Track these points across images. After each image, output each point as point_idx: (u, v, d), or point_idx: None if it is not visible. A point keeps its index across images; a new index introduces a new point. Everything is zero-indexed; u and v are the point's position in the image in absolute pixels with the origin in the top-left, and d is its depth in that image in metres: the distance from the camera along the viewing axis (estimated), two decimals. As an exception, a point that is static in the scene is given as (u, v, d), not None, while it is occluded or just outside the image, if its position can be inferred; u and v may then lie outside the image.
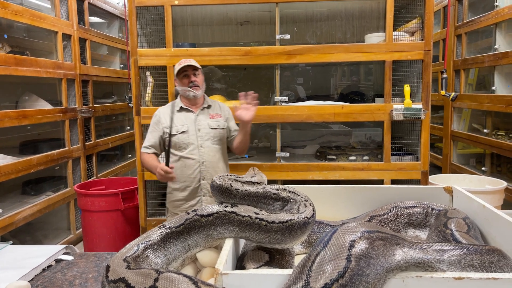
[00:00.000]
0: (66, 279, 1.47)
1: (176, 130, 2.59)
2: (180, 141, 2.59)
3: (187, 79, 2.60)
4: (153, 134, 2.66)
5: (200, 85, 2.62)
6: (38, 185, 4.11)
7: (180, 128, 2.61)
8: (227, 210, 1.30)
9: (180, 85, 2.63)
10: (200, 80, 2.64)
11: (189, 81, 2.59)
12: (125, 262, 1.17)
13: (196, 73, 2.62)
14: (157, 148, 2.65)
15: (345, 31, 3.75)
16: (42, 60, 3.87)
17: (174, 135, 2.58)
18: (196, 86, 2.60)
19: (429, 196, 1.85)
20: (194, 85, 2.59)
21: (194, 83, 2.59)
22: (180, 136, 2.59)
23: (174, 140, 2.58)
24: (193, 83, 2.59)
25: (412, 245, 1.05)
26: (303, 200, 1.36)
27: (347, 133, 3.98)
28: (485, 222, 1.54)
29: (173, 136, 2.57)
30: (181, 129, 2.60)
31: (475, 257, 1.06)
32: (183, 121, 2.63)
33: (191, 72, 2.60)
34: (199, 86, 2.62)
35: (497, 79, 4.15)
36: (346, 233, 0.98)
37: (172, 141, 2.58)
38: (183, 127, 2.61)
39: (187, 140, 2.59)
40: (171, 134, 2.54)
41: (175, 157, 2.62)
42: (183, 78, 2.61)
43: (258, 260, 1.23)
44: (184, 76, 2.61)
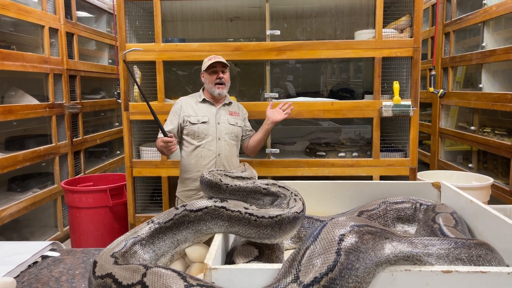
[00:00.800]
0: (53, 276, 1.45)
1: (197, 120, 2.65)
2: (200, 130, 2.65)
3: (215, 75, 2.65)
4: (172, 121, 2.71)
5: (226, 82, 2.69)
6: (25, 182, 4.05)
7: (202, 118, 2.67)
8: (217, 205, 1.29)
9: (207, 80, 2.68)
10: (227, 78, 2.70)
11: (217, 77, 2.64)
12: (113, 257, 1.15)
13: (225, 70, 2.68)
14: (174, 135, 2.68)
15: (335, 27, 3.76)
16: (29, 55, 3.81)
17: (194, 124, 2.65)
18: (222, 84, 2.66)
19: (418, 192, 1.86)
20: (221, 82, 2.64)
21: (222, 80, 2.65)
22: (200, 125, 2.65)
23: (194, 129, 2.65)
24: (221, 80, 2.64)
25: (401, 239, 1.05)
26: (293, 195, 1.35)
27: (337, 130, 3.99)
28: (473, 216, 1.56)
29: (194, 125, 2.64)
30: (202, 119, 2.66)
31: (463, 250, 1.07)
32: (205, 112, 2.69)
33: (220, 69, 2.65)
34: (225, 84, 2.68)
35: (485, 76, 4.19)
36: (335, 227, 0.98)
37: (191, 130, 2.64)
38: (204, 117, 2.67)
39: (206, 131, 2.65)
40: (146, 100, 2.49)
41: (191, 146, 2.67)
42: (211, 73, 2.66)
43: (247, 255, 1.22)
44: (212, 71, 2.65)
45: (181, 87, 3.87)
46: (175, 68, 3.93)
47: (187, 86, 3.84)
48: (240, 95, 3.87)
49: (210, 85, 2.67)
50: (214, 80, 2.65)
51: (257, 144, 2.78)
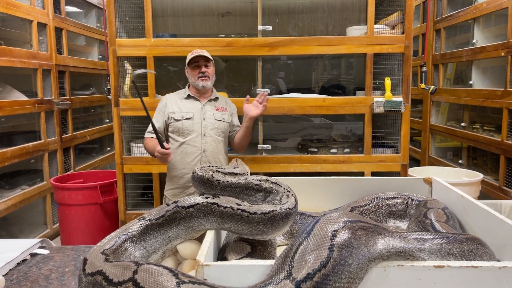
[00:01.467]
0: (42, 273, 1.43)
1: (181, 116, 2.62)
2: (184, 127, 2.62)
3: (198, 70, 2.62)
4: (157, 119, 2.69)
5: (210, 76, 2.64)
6: (13, 179, 4.00)
7: (186, 114, 2.63)
8: (209, 201, 1.28)
9: (191, 74, 2.65)
10: (211, 72, 2.66)
11: (199, 71, 2.61)
12: (103, 255, 1.14)
13: (208, 64, 2.64)
14: (161, 133, 2.67)
15: (327, 23, 3.75)
16: (16, 50, 3.75)
17: (178, 121, 2.61)
18: (206, 77, 2.62)
19: (409, 187, 1.87)
20: (204, 76, 2.61)
21: (205, 73, 2.61)
22: (184, 122, 2.62)
23: (178, 125, 2.62)
24: (204, 74, 2.61)
25: (393, 235, 1.05)
26: (285, 191, 1.35)
27: (328, 126, 4.00)
28: (464, 212, 1.56)
29: (178, 122, 2.61)
30: (186, 115, 2.63)
31: (455, 245, 1.08)
32: (189, 108, 2.66)
33: (203, 63, 2.62)
34: (209, 77, 2.64)
35: (475, 73, 4.22)
36: (328, 223, 0.97)
37: (176, 126, 2.62)
38: (189, 113, 2.64)
39: (191, 127, 2.62)
40: (149, 118, 2.47)
41: (177, 143, 2.64)
42: (194, 68, 2.63)
43: (239, 252, 1.22)
44: (195, 66, 2.62)
45: (172, 83, 3.84)
46: (166, 64, 3.89)
47: (178, 82, 3.81)
48: (231, 91, 3.85)
49: (193, 79, 2.64)
50: (197, 74, 2.62)
51: (241, 141, 2.73)
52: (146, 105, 2.24)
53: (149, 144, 2.62)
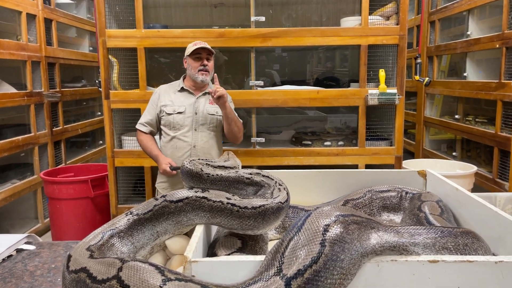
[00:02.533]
0: (27, 270, 1.39)
1: (173, 110, 2.56)
2: (175, 121, 2.56)
3: (199, 62, 2.53)
4: (150, 111, 2.62)
5: (210, 70, 2.57)
6: (3, 173, 3.94)
7: (178, 108, 2.57)
8: (198, 195, 1.25)
9: (191, 66, 2.55)
10: (211, 66, 2.58)
11: (201, 63, 2.52)
12: (89, 251, 1.10)
13: (210, 58, 2.56)
14: (153, 126, 2.62)
15: (321, 14, 3.70)
16: (5, 41, 3.67)
17: (170, 115, 2.55)
18: (206, 71, 2.54)
19: (403, 180, 1.85)
20: (205, 70, 2.53)
21: (206, 67, 2.53)
22: (176, 116, 2.56)
23: (169, 119, 2.56)
24: (204, 67, 2.53)
25: (387, 229, 1.02)
26: (277, 185, 1.31)
27: (322, 119, 3.97)
28: (458, 204, 1.54)
29: (169, 116, 2.55)
30: (178, 109, 2.57)
31: (449, 239, 1.05)
32: (182, 102, 2.59)
33: (205, 56, 2.53)
34: (209, 71, 2.56)
35: (469, 65, 4.20)
36: (320, 217, 0.94)
37: (167, 120, 2.56)
38: (181, 107, 2.58)
39: (182, 121, 2.56)
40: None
41: (168, 136, 2.60)
42: (195, 59, 2.53)
43: (230, 247, 1.18)
44: (197, 58, 2.53)
45: (164, 74, 3.78)
46: (157, 55, 3.83)
47: (169, 73, 3.75)
48: (225, 83, 3.80)
49: (193, 71, 2.55)
50: (198, 67, 2.53)
51: (229, 132, 2.62)
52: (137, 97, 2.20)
53: (146, 143, 2.57)
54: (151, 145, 2.58)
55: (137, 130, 2.65)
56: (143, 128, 2.62)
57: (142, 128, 2.62)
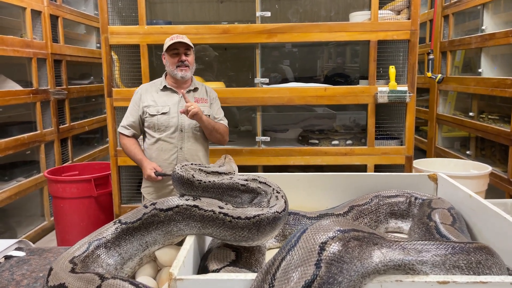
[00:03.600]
0: (14, 279, 1.33)
1: (156, 111, 2.41)
2: (159, 122, 2.41)
3: (177, 57, 2.37)
4: (132, 113, 2.47)
5: (190, 65, 2.41)
6: (9, 170, 3.92)
7: (161, 108, 2.42)
8: (189, 203, 1.17)
9: (168, 62, 2.40)
10: (191, 60, 2.42)
11: (179, 59, 2.36)
12: (71, 263, 1.03)
13: (188, 52, 2.40)
14: (136, 128, 2.47)
15: (329, 9, 3.59)
16: (9, 38, 3.63)
17: (153, 116, 2.41)
18: (186, 67, 2.38)
19: (413, 184, 1.75)
20: (183, 65, 2.38)
21: (184, 62, 2.37)
22: (160, 117, 2.41)
23: (154, 121, 2.41)
24: (183, 63, 2.37)
25: (391, 245, 0.93)
26: (274, 192, 1.23)
27: (332, 116, 3.86)
28: (471, 212, 1.44)
29: (153, 117, 2.41)
30: (161, 109, 2.42)
31: (461, 257, 0.95)
32: (165, 102, 2.44)
33: (183, 51, 2.37)
34: (189, 66, 2.40)
35: (484, 61, 4.05)
36: (316, 233, 0.85)
37: (151, 121, 2.42)
38: (164, 108, 2.42)
39: (167, 122, 2.41)
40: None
41: (152, 138, 2.44)
42: (173, 55, 2.38)
43: (222, 260, 1.10)
44: (174, 53, 2.38)
45: (167, 71, 3.70)
46: (160, 52, 3.75)
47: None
48: (229, 80, 3.71)
49: (171, 67, 2.39)
50: (176, 63, 2.37)
51: (210, 139, 2.50)
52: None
53: (129, 147, 2.43)
54: (134, 149, 2.43)
55: (119, 133, 2.50)
56: (126, 131, 2.46)
57: (125, 132, 2.46)
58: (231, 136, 3.63)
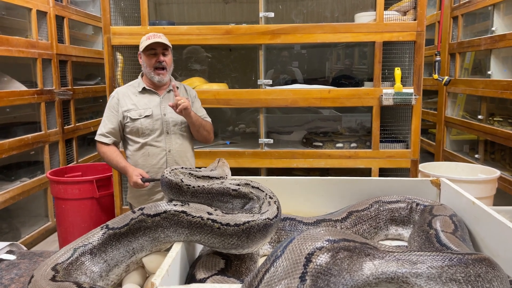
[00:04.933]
0: (2, 283, 1.30)
1: (138, 114, 2.28)
2: (143, 126, 2.28)
3: (154, 58, 2.24)
4: (110, 119, 2.31)
5: (168, 67, 2.28)
6: (13, 171, 3.93)
7: (143, 112, 2.29)
8: (176, 209, 1.13)
9: (145, 63, 2.27)
10: (169, 61, 2.29)
11: (156, 60, 2.23)
12: (53, 270, 1.00)
13: (166, 52, 2.27)
14: (116, 135, 2.32)
15: (334, 9, 3.53)
16: (14, 39, 3.64)
17: (136, 120, 2.28)
18: (163, 69, 2.26)
19: (415, 190, 1.69)
20: (161, 67, 2.26)
21: (162, 64, 2.24)
22: (143, 120, 2.27)
23: (137, 125, 2.28)
24: (161, 64, 2.24)
25: (384, 256, 0.88)
26: (267, 197, 1.18)
27: (337, 119, 3.80)
28: (475, 220, 1.38)
29: (136, 121, 2.28)
30: (144, 113, 2.29)
31: (459, 269, 0.90)
32: (147, 104, 2.31)
33: (160, 51, 2.24)
34: (166, 68, 2.27)
35: (494, 63, 3.97)
36: (303, 243, 0.81)
37: (134, 126, 2.29)
38: (147, 110, 2.29)
39: (151, 126, 2.28)
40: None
41: (136, 144, 2.31)
42: (149, 56, 2.24)
43: (211, 268, 1.06)
44: (151, 54, 2.24)
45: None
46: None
47: (175, 71, 3.65)
48: (232, 81, 3.68)
49: (148, 69, 2.27)
50: (153, 64, 2.24)
51: (197, 137, 2.39)
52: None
53: (110, 156, 2.27)
54: (116, 157, 2.26)
55: (97, 142, 2.33)
56: (105, 139, 2.30)
57: (104, 140, 2.30)
58: (235, 138, 3.60)
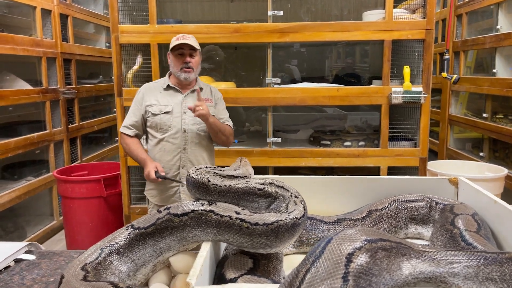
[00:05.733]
0: (24, 284, 1.30)
1: (159, 110, 2.35)
2: (162, 122, 2.34)
3: (181, 59, 2.30)
4: (134, 112, 2.40)
5: (194, 67, 2.33)
6: (18, 170, 3.92)
7: (164, 108, 2.35)
8: (204, 208, 1.12)
9: (173, 63, 2.34)
10: (196, 62, 2.34)
11: (183, 61, 2.30)
12: (83, 271, 0.99)
13: (194, 53, 2.32)
14: (139, 128, 2.41)
15: (342, 7, 3.53)
16: (19, 37, 3.62)
17: (156, 115, 2.34)
18: (190, 69, 2.31)
19: (432, 188, 1.69)
20: (187, 67, 2.31)
21: (189, 64, 2.30)
22: (162, 116, 2.33)
23: (156, 120, 2.34)
24: (187, 65, 2.29)
25: (420, 255, 0.88)
26: (292, 197, 1.18)
27: (342, 117, 3.80)
28: (497, 219, 1.38)
29: (155, 116, 2.34)
30: (164, 109, 2.35)
31: (494, 268, 0.90)
32: (169, 101, 2.38)
33: (188, 52, 2.30)
34: (193, 68, 2.33)
35: (498, 61, 3.97)
36: (342, 243, 0.80)
37: (154, 121, 2.35)
38: (168, 107, 2.35)
39: (169, 122, 2.34)
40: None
41: (155, 139, 2.37)
42: (177, 56, 2.31)
43: (240, 268, 1.06)
44: (179, 54, 2.31)
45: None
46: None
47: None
48: (239, 80, 3.67)
49: (175, 68, 2.33)
50: (180, 64, 2.30)
51: (215, 140, 2.43)
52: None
53: (132, 146, 2.35)
54: (137, 149, 2.34)
55: (121, 134, 2.42)
56: (128, 131, 2.39)
57: (127, 131, 2.39)
58: (241, 137, 3.60)
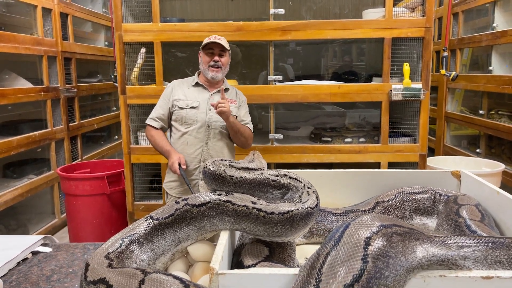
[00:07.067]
0: (43, 274, 1.33)
1: (186, 104, 2.44)
2: (187, 116, 2.43)
3: (210, 57, 2.41)
4: (162, 106, 2.50)
5: (223, 66, 2.43)
6: (20, 168, 3.93)
7: (191, 103, 2.44)
8: (221, 199, 1.17)
9: (202, 60, 2.44)
10: (225, 62, 2.44)
11: (212, 59, 2.40)
12: (107, 259, 1.03)
13: (223, 54, 2.42)
14: (164, 121, 2.49)
15: (343, 6, 3.58)
16: (21, 36, 3.64)
17: (182, 109, 2.43)
18: (218, 68, 2.41)
19: (435, 181, 1.74)
20: (215, 66, 2.40)
21: (217, 63, 2.40)
22: (188, 110, 2.43)
23: (182, 114, 2.43)
24: (216, 63, 2.40)
25: (432, 240, 0.93)
26: (305, 188, 1.23)
27: (341, 114, 3.85)
28: (499, 209, 1.43)
29: (182, 110, 2.43)
30: (191, 104, 2.44)
31: (502, 252, 0.95)
32: (196, 97, 2.47)
33: (217, 51, 2.40)
34: (221, 68, 2.42)
35: (495, 59, 4.04)
36: (360, 228, 0.85)
37: (179, 114, 2.44)
38: (194, 102, 2.45)
39: (195, 117, 2.43)
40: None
41: (178, 132, 2.46)
42: (207, 54, 2.42)
43: (257, 255, 1.10)
44: (209, 52, 2.42)
45: (181, 69, 3.70)
46: (174, 50, 3.76)
47: (186, 68, 3.68)
48: (241, 78, 3.71)
49: (203, 66, 2.44)
50: (208, 62, 2.41)
51: (234, 141, 2.51)
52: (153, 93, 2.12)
53: (157, 138, 2.44)
54: (162, 140, 2.43)
55: (147, 125, 2.51)
56: (154, 123, 2.48)
57: (153, 124, 2.48)
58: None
